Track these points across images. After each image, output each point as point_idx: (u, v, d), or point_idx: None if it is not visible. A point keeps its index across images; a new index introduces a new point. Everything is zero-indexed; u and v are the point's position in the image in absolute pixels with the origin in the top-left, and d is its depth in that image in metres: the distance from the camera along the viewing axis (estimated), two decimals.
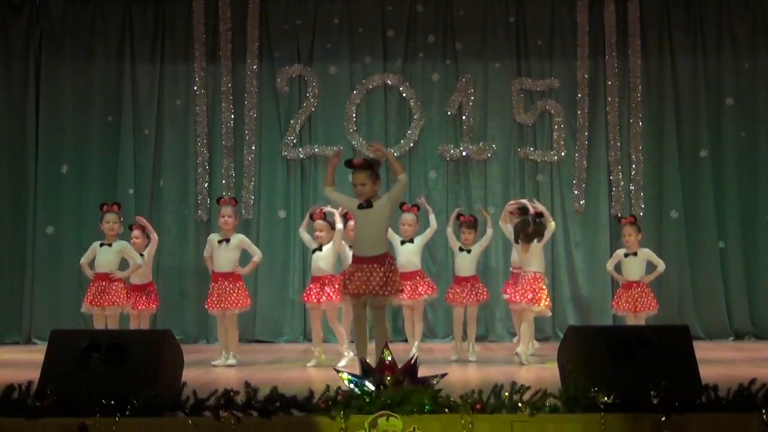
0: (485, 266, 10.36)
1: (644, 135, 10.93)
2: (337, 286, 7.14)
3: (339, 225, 7.87)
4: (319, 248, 8.06)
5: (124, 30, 11.02)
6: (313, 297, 7.99)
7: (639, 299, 8.53)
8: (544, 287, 7.95)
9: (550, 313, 8.34)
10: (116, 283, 8.24)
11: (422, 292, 8.38)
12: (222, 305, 8.08)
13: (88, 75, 10.98)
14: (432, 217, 8.59)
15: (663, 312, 9.08)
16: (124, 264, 8.50)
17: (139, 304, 8.69)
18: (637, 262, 8.61)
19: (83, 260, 8.40)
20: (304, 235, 8.34)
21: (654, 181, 10.92)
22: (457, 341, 8.37)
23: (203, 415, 4.25)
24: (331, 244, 8.04)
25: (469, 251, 8.43)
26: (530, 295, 7.83)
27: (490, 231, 8.52)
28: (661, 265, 8.63)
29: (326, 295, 7.87)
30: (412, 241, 8.39)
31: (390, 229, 7.18)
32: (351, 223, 7.98)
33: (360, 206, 6.03)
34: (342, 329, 8.09)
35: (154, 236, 8.63)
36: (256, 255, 8.28)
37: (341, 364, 7.67)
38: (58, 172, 10.83)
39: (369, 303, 5.99)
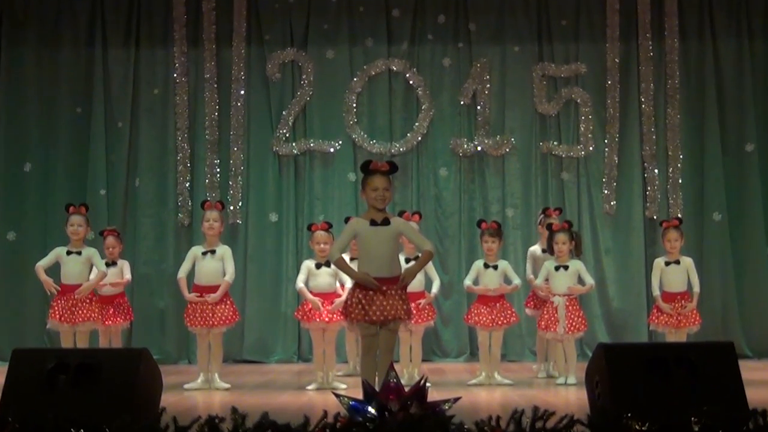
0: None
1: (683, 127, 10.92)
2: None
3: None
4: (326, 264, 8.02)
5: (94, 11, 11.05)
6: (324, 317, 7.98)
7: (682, 313, 8.45)
8: (580, 307, 8.41)
9: None
10: (88, 297, 8.22)
11: (428, 317, 8.44)
12: (207, 322, 8.05)
13: (54, 62, 11.00)
14: (436, 283, 8.54)
15: (705, 327, 9.03)
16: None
17: (107, 319, 8.69)
18: (679, 272, 8.52)
19: (40, 263, 8.27)
20: (305, 291, 8.10)
21: (694, 180, 10.92)
22: (482, 365, 8.34)
23: None
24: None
25: (495, 267, 8.33)
26: (575, 324, 8.23)
27: (517, 280, 8.45)
28: (696, 286, 8.53)
29: (337, 314, 7.85)
30: (417, 259, 8.39)
31: None
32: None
33: (373, 222, 6.03)
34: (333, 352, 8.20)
35: (128, 277, 9.09)
36: (228, 274, 8.12)
37: (310, 387, 7.89)
38: (21, 170, 10.86)
39: (387, 327, 5.98)
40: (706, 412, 4.28)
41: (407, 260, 8.18)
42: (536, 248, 8.92)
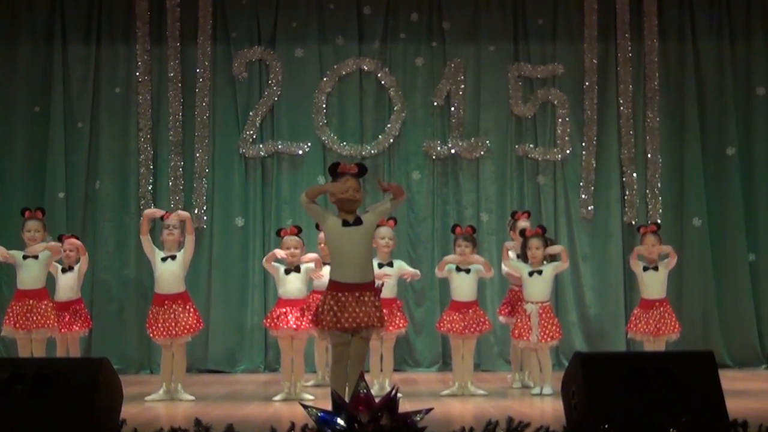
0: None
1: (662, 130, 10.99)
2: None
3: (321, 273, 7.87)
4: (296, 269, 8.01)
5: (53, 5, 10.98)
6: (292, 323, 7.93)
7: (660, 321, 8.52)
8: (554, 315, 8.39)
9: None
10: (45, 303, 8.20)
11: (399, 325, 8.43)
12: (171, 332, 8.00)
13: (10, 58, 10.92)
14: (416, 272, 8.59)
15: (684, 335, 9.10)
16: (50, 282, 8.49)
17: (63, 327, 8.63)
18: (658, 278, 8.58)
19: None
20: (271, 268, 8.10)
21: (674, 184, 10.98)
22: (456, 374, 8.33)
23: None
24: (309, 266, 8.04)
25: (467, 271, 8.34)
26: (549, 332, 8.17)
27: (490, 273, 8.45)
28: (673, 260, 8.66)
29: (306, 321, 7.82)
30: (391, 264, 8.39)
31: None
32: (321, 235, 8.06)
33: (345, 223, 6.01)
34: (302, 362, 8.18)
35: (86, 256, 8.86)
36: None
37: (277, 398, 7.84)
38: None
39: (359, 335, 5.97)
40: (686, 422, 4.31)
41: (380, 265, 8.17)
42: (511, 244, 8.83)
